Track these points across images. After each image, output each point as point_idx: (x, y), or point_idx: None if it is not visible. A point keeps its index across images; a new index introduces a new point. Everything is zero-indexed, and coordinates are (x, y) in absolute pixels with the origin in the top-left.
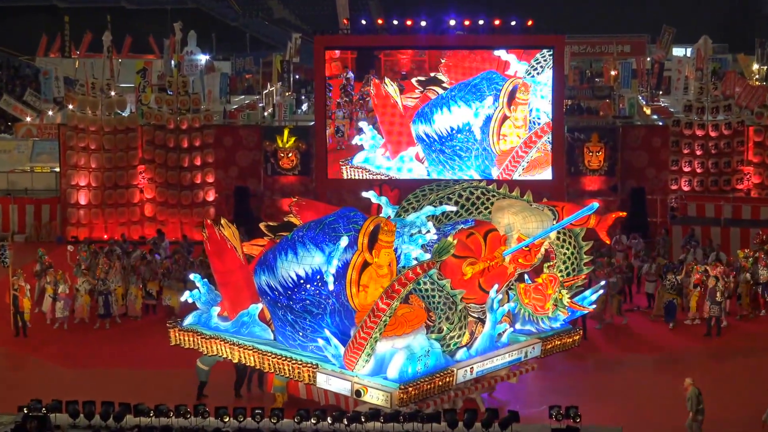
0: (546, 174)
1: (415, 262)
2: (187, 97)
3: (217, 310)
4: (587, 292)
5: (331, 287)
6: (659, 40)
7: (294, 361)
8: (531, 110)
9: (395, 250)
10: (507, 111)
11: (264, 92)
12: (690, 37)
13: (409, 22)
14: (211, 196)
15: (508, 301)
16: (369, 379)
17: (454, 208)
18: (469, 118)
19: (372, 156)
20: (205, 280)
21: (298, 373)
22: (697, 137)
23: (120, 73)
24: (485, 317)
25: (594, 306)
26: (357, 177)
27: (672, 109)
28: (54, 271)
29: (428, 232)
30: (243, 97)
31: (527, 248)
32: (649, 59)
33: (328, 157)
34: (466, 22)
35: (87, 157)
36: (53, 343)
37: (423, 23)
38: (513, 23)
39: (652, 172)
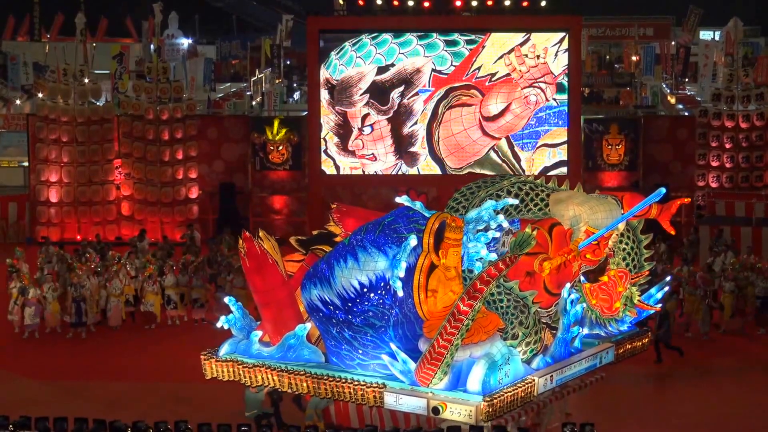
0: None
1: (479, 263)
2: (167, 84)
3: (258, 335)
4: (653, 290)
5: (400, 293)
6: (685, 22)
7: (356, 383)
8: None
9: None
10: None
11: (252, 79)
12: (719, 19)
13: (411, 2)
14: (194, 193)
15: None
16: (447, 394)
17: (516, 201)
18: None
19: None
20: (239, 303)
21: (362, 395)
22: (726, 129)
23: (94, 59)
24: (552, 323)
25: (660, 305)
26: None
27: (699, 98)
28: (22, 274)
29: (498, 225)
30: (229, 84)
31: (596, 242)
32: (673, 43)
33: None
34: (474, 2)
35: (58, 150)
36: (22, 353)
37: (426, 3)
38: (525, 4)
39: (677, 166)
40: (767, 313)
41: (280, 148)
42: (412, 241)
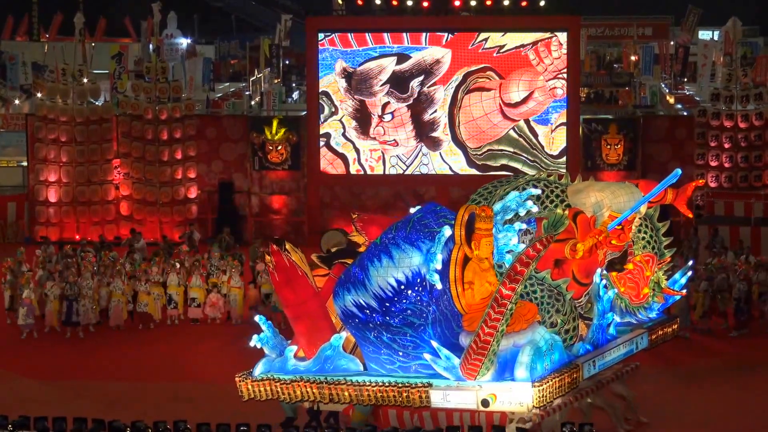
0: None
1: (509, 255)
2: (166, 84)
3: (293, 350)
4: (677, 275)
5: (438, 285)
6: (684, 22)
7: (399, 386)
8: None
9: None
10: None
11: (251, 79)
12: (717, 19)
13: (410, 2)
14: (192, 193)
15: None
16: (496, 385)
17: (539, 191)
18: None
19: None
20: (270, 321)
21: (407, 396)
22: (725, 129)
23: (93, 59)
24: (584, 313)
25: (685, 290)
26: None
27: (698, 98)
28: (20, 274)
29: (528, 212)
30: (228, 84)
31: (620, 227)
32: (672, 43)
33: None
34: (473, 2)
35: (57, 150)
36: (21, 352)
37: (425, 3)
38: (524, 3)
39: (676, 166)
40: (740, 315)
41: (279, 147)
42: (447, 231)
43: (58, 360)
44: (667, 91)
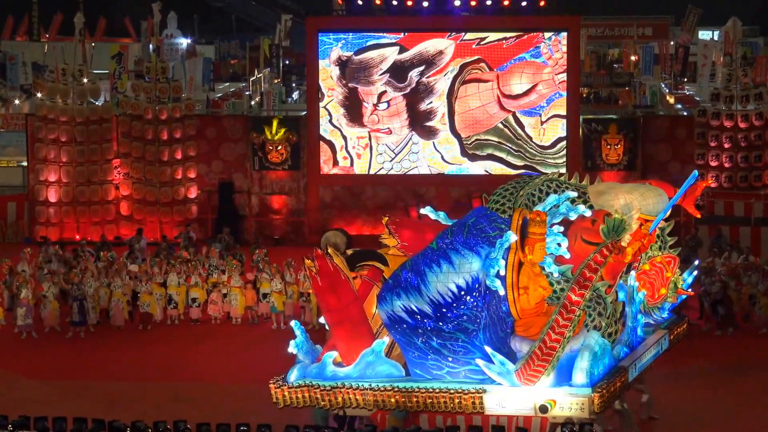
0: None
1: (548, 257)
2: (166, 84)
3: (332, 356)
4: (684, 275)
5: (502, 291)
6: (684, 22)
7: (452, 391)
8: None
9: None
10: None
11: (251, 79)
12: (717, 19)
13: (410, 2)
14: (193, 193)
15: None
16: (555, 390)
17: (575, 194)
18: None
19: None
20: (303, 327)
21: (459, 402)
22: (725, 129)
23: (93, 59)
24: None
25: (692, 290)
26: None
27: (698, 98)
28: (19, 275)
29: (578, 215)
30: (228, 84)
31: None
32: (672, 43)
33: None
34: (473, 2)
35: (57, 150)
36: (21, 352)
37: (425, 3)
38: (524, 3)
39: (676, 166)
40: (716, 315)
41: (279, 147)
42: (513, 237)
43: (58, 360)
44: (667, 91)
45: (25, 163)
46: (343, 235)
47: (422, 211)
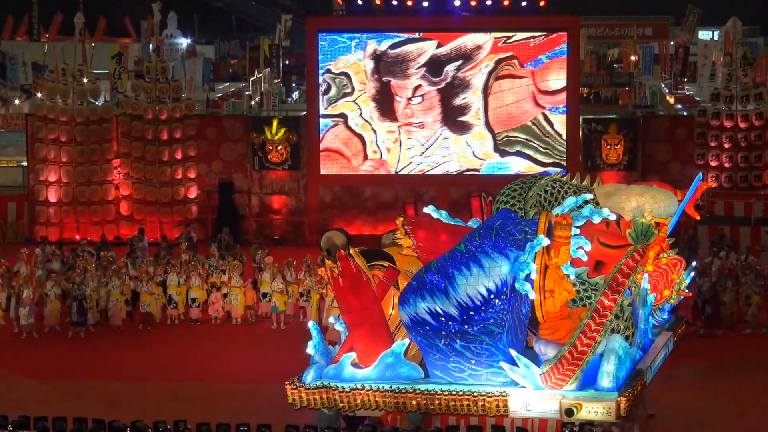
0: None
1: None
2: (166, 84)
3: (351, 357)
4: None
5: (532, 295)
6: (684, 22)
7: (475, 394)
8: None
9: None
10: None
11: (251, 79)
12: (717, 19)
13: (410, 2)
14: (193, 193)
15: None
16: (578, 394)
17: (592, 195)
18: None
19: None
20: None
21: (482, 405)
22: (725, 129)
23: (93, 59)
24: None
25: (688, 290)
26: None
27: (698, 98)
28: (19, 275)
29: (602, 218)
30: (228, 84)
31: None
32: (672, 43)
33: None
34: (473, 2)
35: (57, 150)
36: (21, 352)
37: (425, 3)
38: (524, 3)
39: (676, 166)
40: (703, 315)
41: (279, 147)
42: (545, 241)
43: (58, 360)
44: (667, 91)
45: (25, 163)
46: (343, 235)
47: (425, 210)
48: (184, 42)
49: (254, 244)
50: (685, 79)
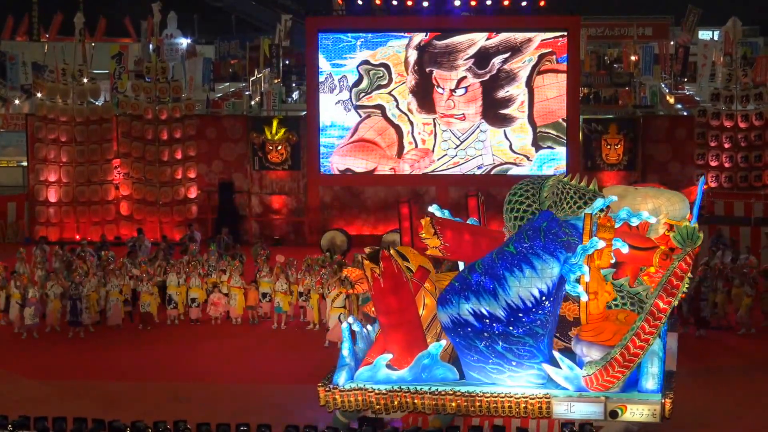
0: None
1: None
2: (166, 84)
3: (386, 359)
4: None
5: (585, 297)
6: (684, 22)
7: (517, 396)
8: None
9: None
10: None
11: (251, 79)
12: (717, 19)
13: (410, 2)
14: (193, 193)
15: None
16: (625, 396)
17: (615, 198)
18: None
19: None
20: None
21: (525, 407)
22: (725, 129)
23: (93, 59)
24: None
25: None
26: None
27: (698, 98)
28: (22, 275)
29: (641, 220)
30: (228, 84)
31: (668, 232)
32: (672, 43)
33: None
34: (473, 2)
35: (57, 150)
36: (21, 352)
37: (425, 3)
38: (524, 3)
39: (676, 166)
40: (689, 315)
41: (279, 147)
42: (600, 244)
43: (58, 360)
44: (667, 91)
45: (25, 163)
46: (343, 236)
47: (430, 209)
48: (184, 42)
49: (255, 244)
50: (685, 79)
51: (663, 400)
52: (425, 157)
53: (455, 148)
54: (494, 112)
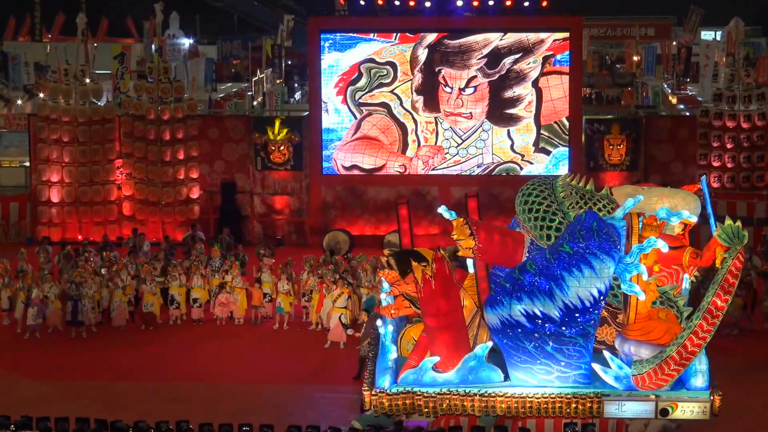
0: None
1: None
2: (168, 84)
3: (432, 361)
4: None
5: (642, 297)
6: (686, 22)
7: (569, 397)
8: None
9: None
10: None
11: (253, 79)
12: (720, 19)
13: (412, 3)
14: (195, 193)
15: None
16: (674, 394)
17: (642, 197)
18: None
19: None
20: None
21: (575, 407)
22: (727, 129)
23: (95, 59)
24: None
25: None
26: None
27: (700, 98)
28: (26, 275)
29: (681, 219)
30: (230, 84)
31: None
32: (675, 43)
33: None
34: (475, 3)
35: (59, 150)
36: (23, 353)
37: (428, 4)
38: (526, 3)
39: (679, 167)
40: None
41: (282, 148)
42: (659, 242)
43: (60, 360)
44: (669, 91)
45: (27, 164)
46: (345, 236)
47: (438, 210)
48: (186, 42)
49: (258, 245)
50: (688, 80)
51: (713, 398)
52: (438, 153)
53: (456, 147)
54: (500, 111)
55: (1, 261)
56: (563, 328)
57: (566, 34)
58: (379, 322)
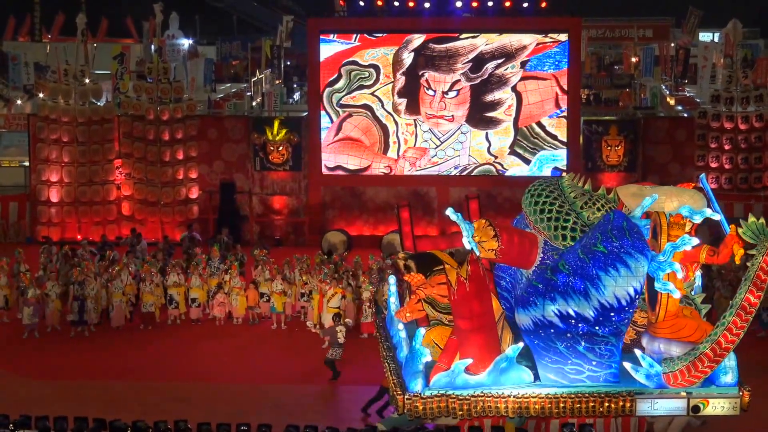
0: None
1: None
2: (168, 85)
3: (464, 364)
4: None
5: (676, 295)
6: (684, 23)
7: (602, 395)
8: None
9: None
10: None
11: (252, 80)
12: (718, 21)
13: (411, 4)
14: (194, 194)
15: None
16: (704, 390)
17: (657, 196)
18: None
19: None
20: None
21: (608, 406)
22: (725, 130)
23: (95, 59)
24: None
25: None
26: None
27: (698, 100)
28: (21, 274)
29: (703, 217)
30: (229, 85)
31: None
32: (673, 45)
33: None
34: (474, 3)
35: (59, 150)
36: (22, 352)
37: (427, 5)
38: (525, 5)
39: (677, 168)
40: None
41: (280, 148)
42: (694, 240)
43: (59, 359)
44: (667, 92)
45: (27, 163)
46: (343, 236)
47: (446, 212)
48: (185, 43)
49: (255, 246)
50: (686, 81)
51: (743, 394)
52: (424, 155)
53: (435, 148)
54: (481, 114)
55: (2, 259)
56: (597, 328)
57: (547, 39)
58: (400, 326)
